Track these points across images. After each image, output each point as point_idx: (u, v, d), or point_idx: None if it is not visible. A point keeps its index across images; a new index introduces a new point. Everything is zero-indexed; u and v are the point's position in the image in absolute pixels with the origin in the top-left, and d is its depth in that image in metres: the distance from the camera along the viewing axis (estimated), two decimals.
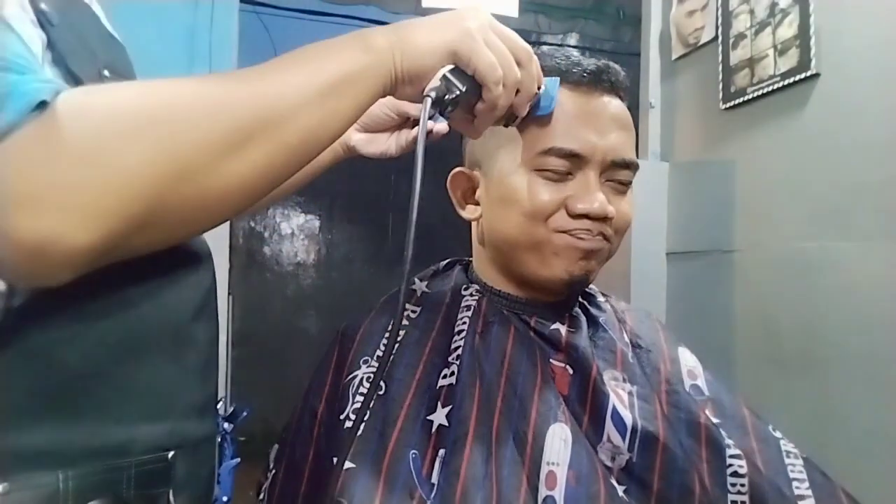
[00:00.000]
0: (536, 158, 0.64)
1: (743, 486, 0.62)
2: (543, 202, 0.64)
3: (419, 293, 0.75)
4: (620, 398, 0.66)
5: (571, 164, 0.64)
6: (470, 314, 0.70)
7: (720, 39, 1.58)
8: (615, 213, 0.65)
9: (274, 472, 0.71)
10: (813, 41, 1.31)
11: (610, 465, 0.63)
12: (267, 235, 4.40)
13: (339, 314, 0.83)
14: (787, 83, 1.38)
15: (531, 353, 0.67)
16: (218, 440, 0.63)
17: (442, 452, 0.60)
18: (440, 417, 0.62)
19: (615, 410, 0.64)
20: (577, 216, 0.64)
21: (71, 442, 0.43)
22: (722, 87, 1.57)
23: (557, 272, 0.66)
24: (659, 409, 0.66)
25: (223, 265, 1.89)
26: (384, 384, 0.64)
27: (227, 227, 1.89)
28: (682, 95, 1.79)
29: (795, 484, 0.63)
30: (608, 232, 0.66)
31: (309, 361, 0.77)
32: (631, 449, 0.63)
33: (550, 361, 0.68)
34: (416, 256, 0.51)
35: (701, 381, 0.72)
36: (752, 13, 1.49)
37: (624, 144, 0.66)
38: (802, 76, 1.34)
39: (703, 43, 1.67)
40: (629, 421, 0.64)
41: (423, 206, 0.50)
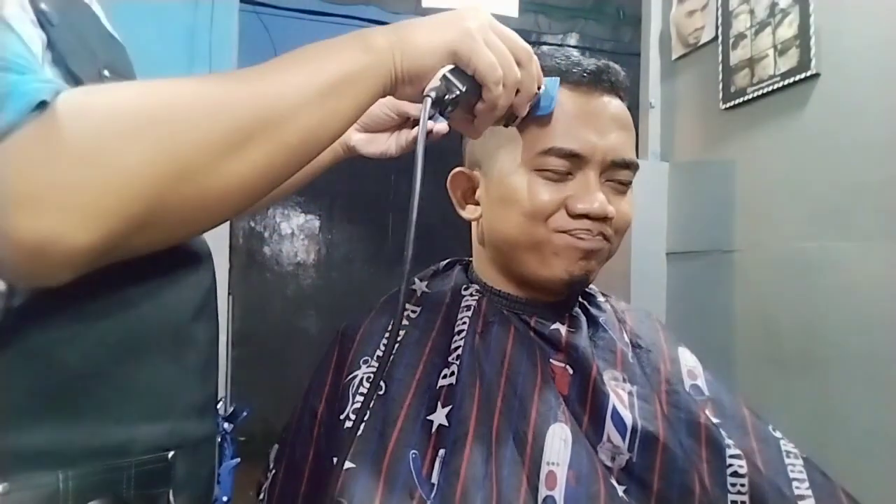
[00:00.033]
0: (536, 158, 0.64)
1: (743, 486, 0.62)
2: (543, 202, 0.64)
3: (419, 293, 0.75)
4: (620, 398, 0.66)
5: (571, 164, 0.64)
6: (470, 314, 0.70)
7: (720, 39, 1.58)
8: (615, 212, 0.65)
9: (274, 471, 0.71)
10: (813, 41, 1.31)
11: (610, 465, 0.63)
12: (267, 235, 4.39)
13: (339, 314, 0.83)
14: (787, 83, 1.38)
15: (531, 353, 0.67)
16: (218, 440, 0.63)
17: (442, 452, 0.60)
18: (440, 417, 0.62)
19: (615, 410, 0.64)
20: (577, 216, 0.64)
21: (71, 442, 0.43)
22: (722, 87, 1.57)
23: (557, 272, 0.66)
24: (659, 409, 0.66)
25: (223, 265, 1.89)
26: (384, 384, 0.64)
27: (227, 227, 1.89)
28: (682, 95, 1.79)
29: (795, 484, 0.63)
30: (608, 232, 0.66)
31: (309, 361, 0.77)
32: (631, 449, 0.63)
33: (550, 361, 0.68)
34: (415, 256, 0.51)
35: (701, 381, 0.72)
36: (752, 13, 1.49)
37: (624, 144, 0.66)
38: (802, 76, 1.34)
39: (703, 43, 1.67)
40: (629, 421, 0.64)
41: (422, 206, 0.50)
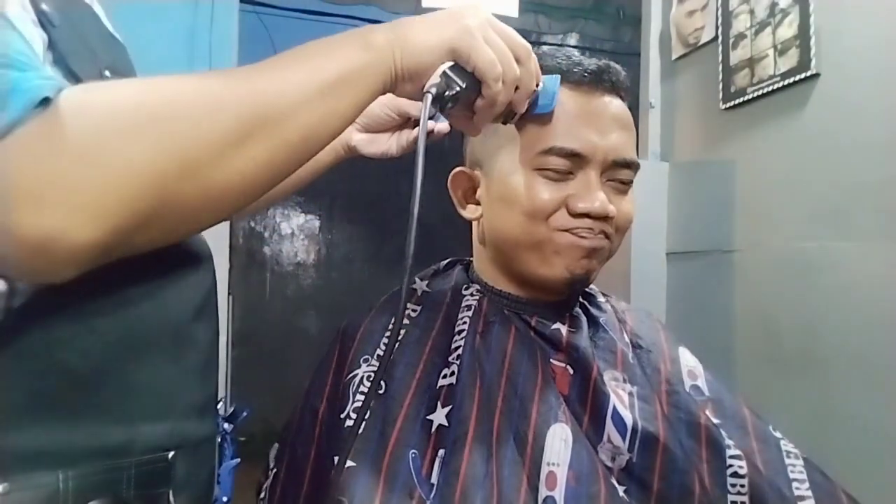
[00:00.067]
0: (537, 158, 0.64)
1: (743, 486, 0.62)
2: (544, 201, 0.64)
3: (419, 292, 0.75)
4: (621, 398, 0.66)
5: (572, 163, 0.64)
6: (470, 314, 0.70)
7: (720, 39, 1.58)
8: (616, 212, 0.65)
9: (275, 471, 0.71)
10: (813, 41, 1.31)
11: (610, 465, 0.63)
12: (267, 235, 4.40)
13: (339, 314, 0.83)
14: (787, 83, 1.38)
15: (532, 353, 0.67)
16: (218, 440, 0.63)
17: (442, 452, 0.60)
18: (440, 417, 0.62)
19: (615, 411, 0.64)
20: (578, 215, 0.64)
21: (71, 442, 0.43)
22: (722, 87, 1.57)
23: (558, 271, 0.66)
24: (659, 409, 0.66)
25: (223, 265, 1.89)
26: (384, 383, 0.64)
27: (227, 227, 1.89)
28: (682, 95, 1.79)
29: (795, 484, 0.63)
30: (609, 230, 0.66)
31: (309, 361, 0.77)
32: (631, 449, 0.63)
33: (551, 361, 0.68)
34: (416, 256, 0.51)
35: (701, 381, 0.72)
36: (752, 13, 1.49)
37: (625, 144, 0.66)
38: (802, 76, 1.34)
39: (703, 43, 1.67)
40: (629, 421, 0.64)
41: (423, 205, 0.50)
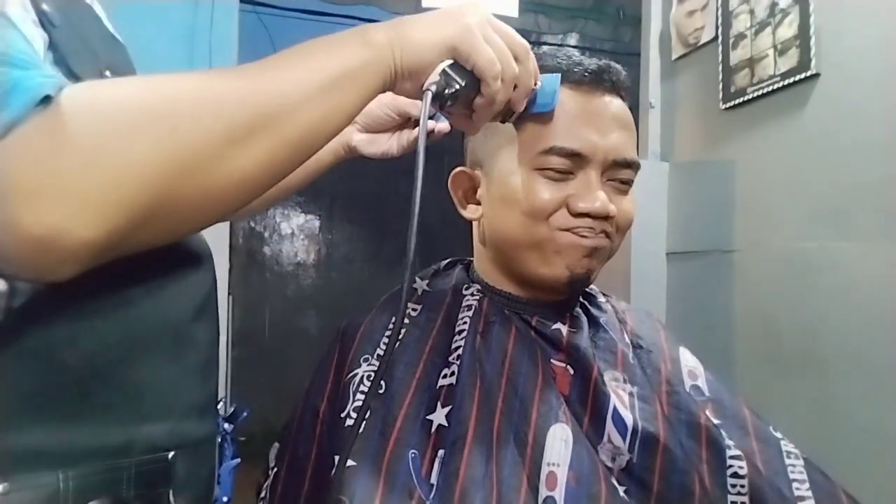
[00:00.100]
0: (538, 158, 0.64)
1: (743, 486, 0.62)
2: (544, 201, 0.64)
3: (420, 291, 0.75)
4: (621, 399, 0.66)
5: (573, 163, 0.64)
6: (471, 314, 0.70)
7: (720, 39, 1.58)
8: (616, 211, 0.65)
9: (276, 470, 0.70)
10: (813, 41, 1.31)
11: (610, 465, 0.63)
12: (267, 235, 4.39)
13: (339, 314, 0.83)
14: (787, 83, 1.38)
15: (532, 353, 0.67)
16: (218, 440, 0.63)
17: (441, 453, 0.60)
18: (440, 417, 0.62)
19: (616, 411, 0.64)
20: (578, 215, 0.64)
21: (71, 442, 0.43)
22: (722, 87, 1.57)
23: (559, 270, 0.66)
24: (659, 409, 0.66)
25: (223, 265, 1.89)
26: (384, 383, 0.64)
27: (227, 227, 1.89)
28: (682, 95, 1.79)
29: (796, 485, 0.63)
30: (610, 230, 0.66)
31: (309, 361, 0.77)
32: (631, 450, 0.63)
33: (551, 362, 0.68)
34: (416, 256, 0.51)
35: (701, 381, 0.72)
36: (752, 13, 1.49)
37: (625, 144, 0.66)
38: (802, 76, 1.34)
39: (703, 43, 1.67)
40: (630, 422, 0.64)
41: (423, 205, 0.51)
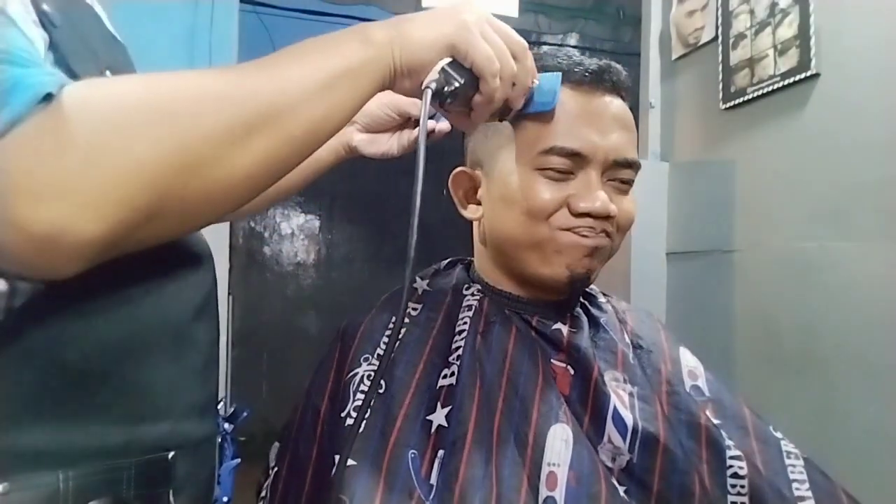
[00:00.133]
0: (538, 158, 0.64)
1: (743, 487, 0.62)
2: (545, 201, 0.64)
3: (420, 291, 0.75)
4: (621, 399, 0.66)
5: (573, 163, 0.64)
6: (471, 314, 0.70)
7: (720, 39, 1.58)
8: (617, 211, 0.65)
9: (276, 469, 0.70)
10: (813, 41, 1.31)
11: (610, 465, 0.63)
12: (267, 235, 4.39)
13: (339, 314, 0.83)
14: (787, 83, 1.38)
15: (532, 353, 0.67)
16: (218, 440, 0.63)
17: (441, 453, 0.60)
18: (439, 418, 0.62)
19: (616, 411, 0.64)
20: (579, 215, 0.64)
21: (71, 442, 0.43)
22: (722, 87, 1.57)
23: (559, 270, 0.66)
24: (659, 409, 0.66)
25: (223, 265, 1.89)
26: (384, 382, 0.64)
27: (227, 227, 1.89)
28: (682, 95, 1.79)
29: (795, 485, 0.63)
30: (610, 230, 0.66)
31: (309, 361, 0.77)
32: (631, 450, 0.63)
33: (552, 362, 0.68)
34: (416, 255, 0.51)
35: (702, 381, 0.72)
36: (752, 13, 1.49)
37: (626, 144, 0.66)
38: (802, 76, 1.34)
39: (703, 43, 1.67)
40: (630, 422, 0.64)
41: (424, 205, 0.51)
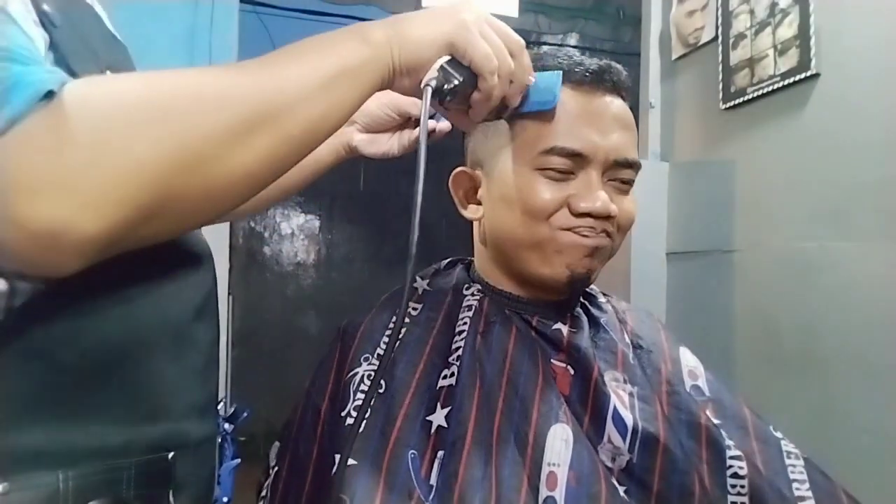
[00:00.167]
0: (538, 158, 0.64)
1: (743, 487, 0.62)
2: (545, 201, 0.64)
3: (420, 290, 0.75)
4: (621, 399, 0.66)
5: (574, 163, 0.64)
6: (471, 314, 0.70)
7: (720, 39, 1.58)
8: (617, 211, 0.65)
9: (277, 469, 0.70)
10: (813, 41, 1.31)
11: (610, 465, 0.63)
12: (267, 235, 4.39)
13: (339, 314, 0.83)
14: (787, 83, 1.38)
15: (532, 353, 0.67)
16: (218, 441, 0.63)
17: (441, 454, 0.60)
18: (439, 419, 0.62)
19: (616, 411, 0.64)
20: (579, 215, 0.64)
21: (71, 442, 0.43)
22: (722, 87, 1.57)
23: (559, 270, 0.66)
24: (659, 409, 0.66)
25: (223, 265, 1.89)
26: (384, 382, 0.64)
27: (227, 227, 1.89)
28: (682, 95, 1.79)
29: (796, 485, 0.63)
30: (611, 229, 0.66)
31: (309, 361, 0.77)
32: (631, 450, 0.63)
33: (552, 362, 0.68)
34: (417, 255, 0.51)
35: (702, 381, 0.72)
36: (752, 13, 1.49)
37: (626, 144, 0.66)
38: (802, 76, 1.34)
39: (703, 43, 1.67)
40: (630, 422, 0.64)
41: (424, 204, 0.51)
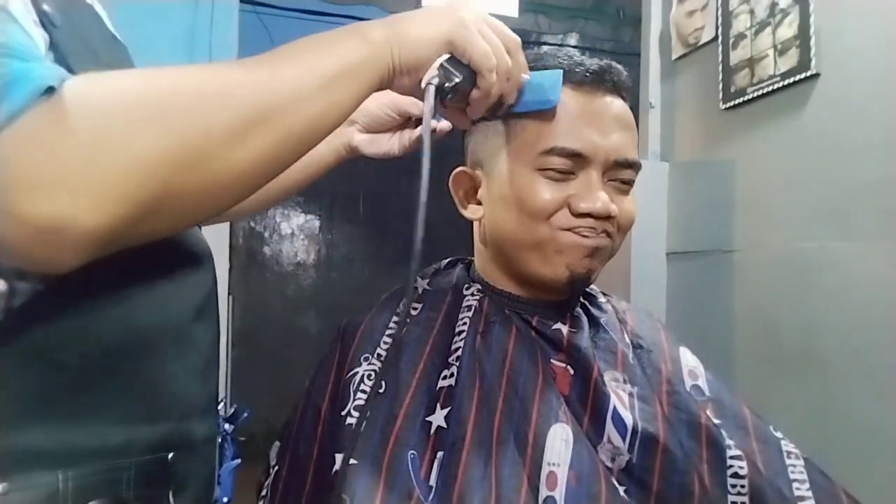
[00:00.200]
0: (539, 158, 0.64)
1: (743, 487, 0.62)
2: (545, 201, 0.64)
3: (420, 290, 0.75)
4: (621, 399, 0.66)
5: (574, 163, 0.64)
6: (471, 314, 0.70)
7: (720, 39, 1.58)
8: (618, 211, 0.65)
9: (277, 468, 0.70)
10: (813, 41, 1.31)
11: (610, 465, 0.63)
12: (267, 235, 4.39)
13: (339, 314, 0.83)
14: (787, 83, 1.38)
15: (532, 353, 0.67)
16: (218, 441, 0.63)
17: (440, 455, 0.60)
18: (438, 419, 0.62)
19: (615, 411, 0.64)
20: (580, 215, 0.64)
21: (71, 442, 0.43)
22: (722, 87, 1.57)
23: (559, 270, 0.66)
24: (659, 409, 0.66)
25: (223, 265, 1.89)
26: (384, 382, 0.64)
27: (227, 227, 1.89)
28: (682, 95, 1.79)
29: (796, 485, 0.63)
30: (611, 230, 0.66)
31: (309, 361, 0.77)
32: (631, 450, 0.63)
33: (552, 362, 0.68)
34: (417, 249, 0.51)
35: (702, 381, 0.72)
36: (752, 13, 1.49)
37: (626, 144, 0.66)
38: (802, 76, 1.34)
39: (703, 43, 1.67)
40: (629, 422, 0.64)
41: (425, 203, 0.51)
